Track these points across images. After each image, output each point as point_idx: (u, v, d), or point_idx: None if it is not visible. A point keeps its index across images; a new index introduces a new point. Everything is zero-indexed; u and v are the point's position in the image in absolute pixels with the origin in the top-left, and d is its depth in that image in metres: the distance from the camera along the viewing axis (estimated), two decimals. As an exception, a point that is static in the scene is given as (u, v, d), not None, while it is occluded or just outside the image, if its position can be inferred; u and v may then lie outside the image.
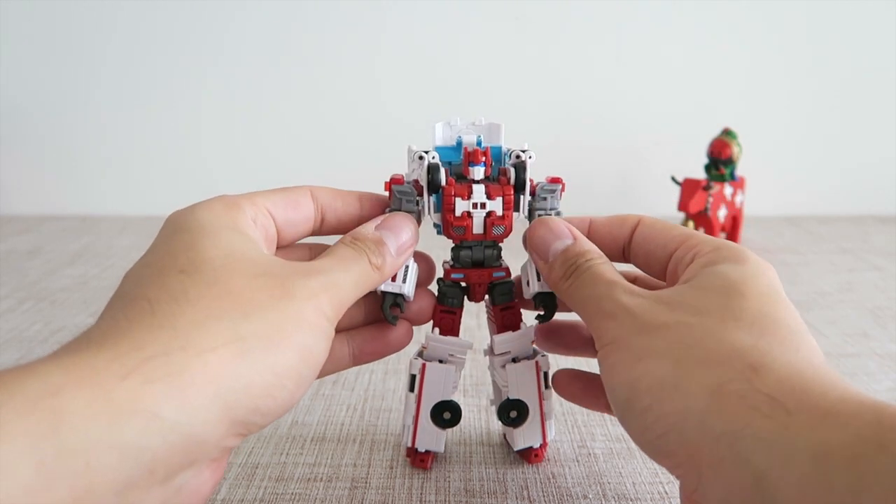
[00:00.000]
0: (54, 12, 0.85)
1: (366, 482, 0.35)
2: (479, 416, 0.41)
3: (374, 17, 0.85)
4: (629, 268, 0.34)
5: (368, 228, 0.31)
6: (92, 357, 0.21)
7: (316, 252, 0.33)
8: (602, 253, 0.31)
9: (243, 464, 0.36)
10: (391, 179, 0.33)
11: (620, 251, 0.34)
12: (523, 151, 0.33)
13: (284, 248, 0.32)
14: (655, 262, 0.32)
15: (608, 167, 0.91)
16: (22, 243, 0.78)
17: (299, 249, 0.33)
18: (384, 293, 0.32)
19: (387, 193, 0.33)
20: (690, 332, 0.26)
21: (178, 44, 0.86)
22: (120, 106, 0.88)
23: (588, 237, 0.33)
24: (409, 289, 0.32)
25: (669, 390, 0.24)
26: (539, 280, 0.33)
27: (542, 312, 0.34)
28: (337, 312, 0.27)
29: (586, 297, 0.30)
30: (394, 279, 0.31)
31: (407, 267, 0.32)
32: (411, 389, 0.34)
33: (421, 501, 0.33)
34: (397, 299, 0.32)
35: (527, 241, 0.33)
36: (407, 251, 0.31)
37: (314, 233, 0.32)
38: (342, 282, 0.28)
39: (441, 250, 0.34)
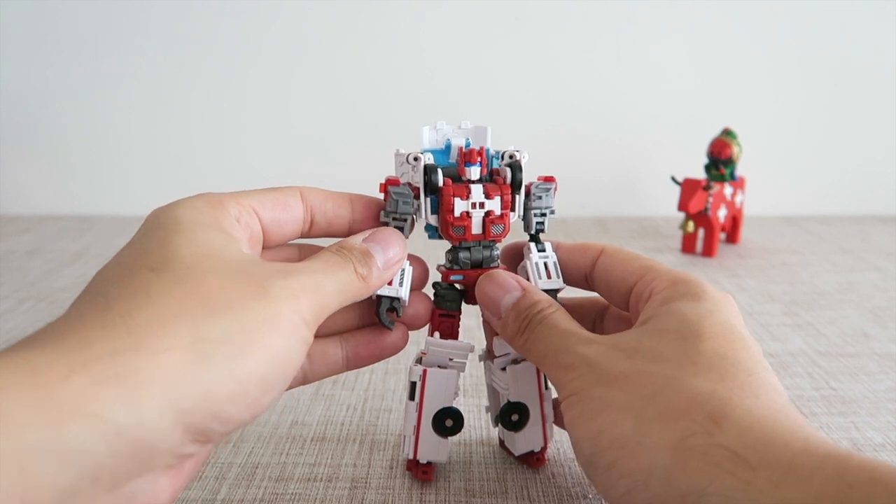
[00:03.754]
0: (54, 12, 0.85)
1: (366, 482, 0.35)
2: (479, 417, 0.41)
3: (373, 17, 0.85)
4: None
5: (356, 240, 0.30)
6: (37, 355, 0.20)
7: (305, 253, 0.33)
8: (554, 301, 0.31)
9: (243, 464, 0.36)
10: (387, 181, 0.32)
11: (583, 279, 0.34)
12: (517, 151, 0.32)
13: (271, 249, 0.31)
14: (617, 294, 0.32)
15: (608, 167, 0.91)
16: (22, 243, 0.78)
17: (287, 250, 0.33)
18: (380, 297, 0.31)
19: (381, 196, 0.32)
20: (649, 381, 0.25)
21: (177, 45, 0.86)
22: (120, 106, 0.88)
23: None
24: (405, 292, 0.32)
25: (632, 446, 0.24)
26: (540, 278, 0.33)
27: None
28: (317, 317, 0.26)
29: (544, 351, 0.29)
30: (390, 283, 0.31)
31: (402, 270, 0.32)
32: (412, 398, 0.33)
33: (421, 501, 0.33)
34: (393, 303, 0.32)
35: (476, 298, 0.33)
36: (394, 266, 0.30)
37: (303, 235, 0.32)
38: (325, 285, 0.27)
39: (433, 251, 0.34)
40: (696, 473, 0.22)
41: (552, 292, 0.33)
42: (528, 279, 0.33)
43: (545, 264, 0.33)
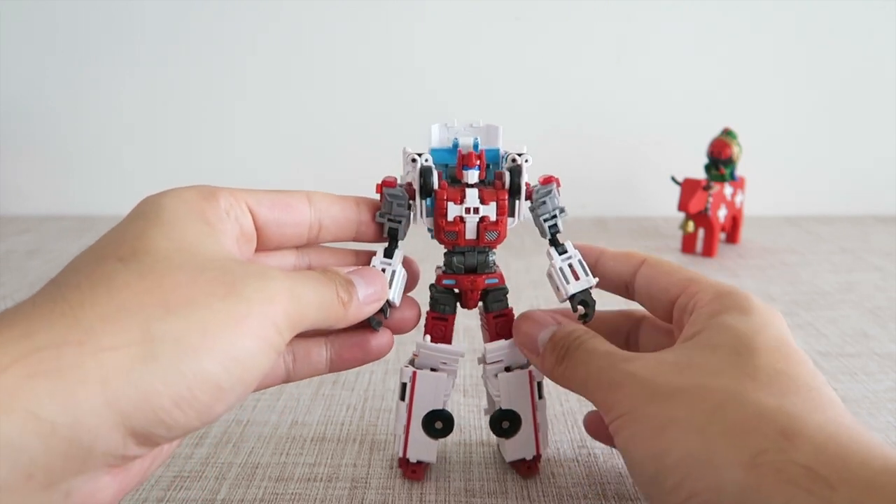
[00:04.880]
0: (54, 12, 0.85)
1: (366, 482, 0.35)
2: (479, 417, 0.41)
3: (373, 18, 0.85)
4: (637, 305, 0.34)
5: (341, 269, 0.29)
6: None
7: (304, 254, 0.32)
8: (589, 329, 0.31)
9: (243, 464, 0.36)
10: (383, 182, 0.32)
11: (624, 287, 0.33)
12: (519, 155, 0.32)
13: (271, 251, 0.31)
14: (659, 306, 0.32)
15: (609, 167, 0.91)
16: (22, 243, 0.78)
17: (286, 254, 0.32)
18: None
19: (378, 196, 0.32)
20: (710, 396, 0.24)
21: (178, 45, 0.86)
22: (120, 106, 0.88)
23: (596, 268, 0.33)
24: (394, 295, 0.31)
25: (701, 465, 0.23)
26: (569, 282, 0.32)
27: (584, 313, 0.32)
28: (292, 326, 0.25)
29: (585, 375, 0.29)
30: None
31: (394, 272, 0.32)
32: (402, 398, 0.34)
33: (421, 501, 0.33)
34: (382, 304, 0.31)
35: (514, 340, 0.33)
36: (373, 304, 0.29)
37: (311, 240, 0.31)
38: (305, 296, 0.26)
39: (434, 251, 0.34)
40: (772, 492, 0.21)
41: (586, 291, 0.32)
42: (558, 282, 0.33)
43: (570, 266, 0.33)
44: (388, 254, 0.32)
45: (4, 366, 0.19)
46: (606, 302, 0.35)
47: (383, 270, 0.31)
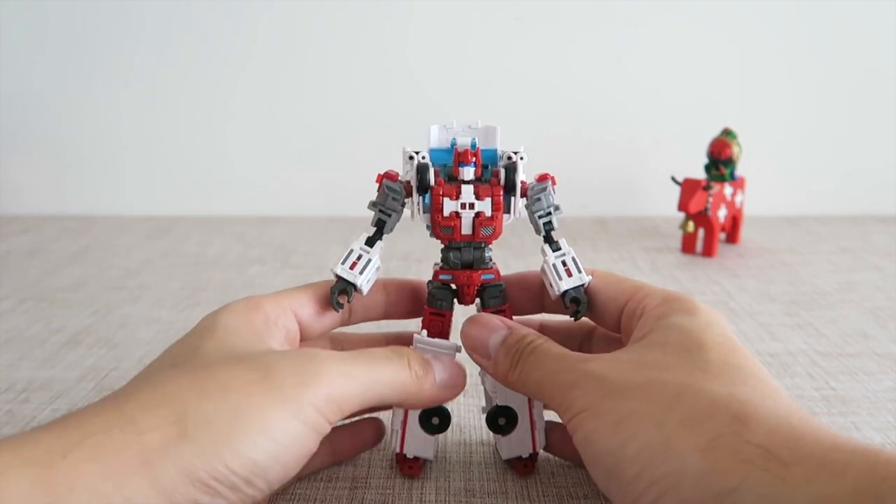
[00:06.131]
0: (54, 12, 0.85)
1: (366, 482, 0.35)
2: (478, 416, 0.41)
3: (373, 18, 0.85)
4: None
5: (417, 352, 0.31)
6: (40, 435, 0.22)
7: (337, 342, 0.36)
8: (541, 334, 0.31)
9: (243, 464, 0.36)
10: (385, 173, 0.33)
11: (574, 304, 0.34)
12: (514, 153, 0.32)
13: (311, 339, 0.34)
14: (608, 315, 0.32)
15: (608, 167, 0.91)
16: (22, 243, 0.78)
17: (322, 340, 0.35)
18: (338, 277, 0.33)
19: (380, 197, 0.33)
20: (666, 389, 0.25)
21: (177, 45, 0.86)
22: (120, 106, 0.88)
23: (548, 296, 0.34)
24: (362, 281, 0.32)
25: (660, 453, 0.24)
26: (561, 279, 0.33)
27: (576, 310, 0.33)
28: (339, 406, 0.27)
29: (540, 378, 0.29)
30: (352, 268, 0.32)
31: (369, 260, 0.32)
32: None
33: (421, 501, 0.33)
34: (348, 288, 0.32)
35: (462, 343, 0.33)
36: (449, 390, 0.31)
37: (343, 324, 0.35)
38: (353, 373, 0.27)
39: (434, 250, 0.34)
40: (729, 472, 0.22)
41: (578, 288, 0.33)
42: (550, 279, 0.33)
43: (563, 262, 0.33)
44: (370, 242, 0.33)
45: (64, 454, 0.22)
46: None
47: (360, 257, 0.33)
